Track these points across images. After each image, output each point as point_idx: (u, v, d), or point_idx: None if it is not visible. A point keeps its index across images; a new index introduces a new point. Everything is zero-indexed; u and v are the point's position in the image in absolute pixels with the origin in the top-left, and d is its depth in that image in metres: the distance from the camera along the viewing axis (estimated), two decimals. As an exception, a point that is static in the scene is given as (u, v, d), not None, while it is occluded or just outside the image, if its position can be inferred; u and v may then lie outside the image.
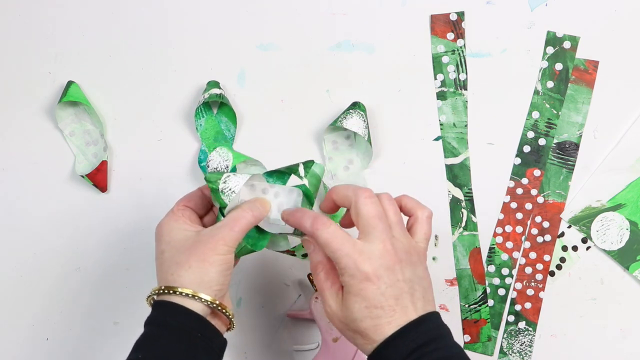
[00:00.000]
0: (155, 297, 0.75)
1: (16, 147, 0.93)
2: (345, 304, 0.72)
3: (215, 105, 0.92)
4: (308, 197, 0.78)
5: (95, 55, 0.93)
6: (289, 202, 0.78)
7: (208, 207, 0.80)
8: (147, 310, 0.92)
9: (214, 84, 0.90)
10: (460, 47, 0.91)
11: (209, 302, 0.73)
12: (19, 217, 0.93)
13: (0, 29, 0.94)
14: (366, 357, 0.85)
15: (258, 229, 0.78)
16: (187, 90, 0.92)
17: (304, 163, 0.78)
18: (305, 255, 0.82)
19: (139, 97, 0.93)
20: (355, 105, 0.89)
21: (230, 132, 0.91)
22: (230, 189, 0.76)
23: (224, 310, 0.75)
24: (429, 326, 0.72)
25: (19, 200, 0.93)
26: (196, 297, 0.73)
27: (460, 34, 0.91)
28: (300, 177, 0.78)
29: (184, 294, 0.73)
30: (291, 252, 0.82)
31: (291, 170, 0.78)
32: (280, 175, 0.78)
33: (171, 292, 0.73)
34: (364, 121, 0.88)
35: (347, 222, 0.78)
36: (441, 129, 0.91)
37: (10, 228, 0.93)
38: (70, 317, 0.92)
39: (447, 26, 0.91)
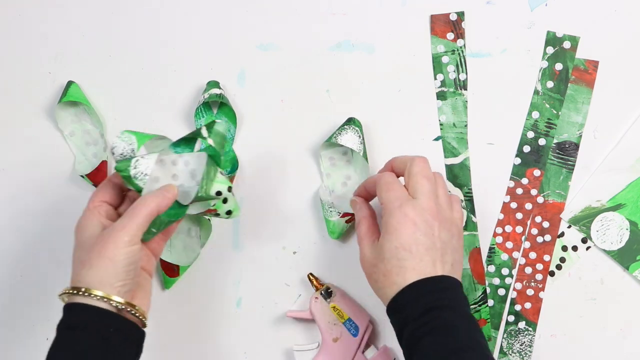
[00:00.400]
0: (65, 298, 0.75)
1: (16, 147, 0.93)
2: (379, 244, 0.77)
3: (215, 105, 0.92)
4: (214, 157, 0.78)
5: (95, 55, 0.93)
6: (199, 167, 0.78)
7: (122, 195, 0.79)
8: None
9: (214, 84, 0.90)
10: (460, 47, 0.91)
11: (107, 300, 0.72)
12: (19, 217, 0.92)
13: (0, 29, 0.94)
14: (368, 356, 0.85)
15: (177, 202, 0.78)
16: (187, 90, 0.92)
17: (206, 125, 0.79)
18: (229, 213, 0.81)
19: (139, 97, 0.93)
20: (350, 121, 0.88)
21: (230, 132, 0.91)
22: (142, 172, 0.76)
23: (129, 309, 0.74)
24: (447, 286, 0.75)
25: (19, 200, 0.93)
26: (92, 295, 0.72)
27: (460, 34, 0.91)
28: (204, 138, 0.78)
29: (85, 294, 0.72)
30: (213, 211, 0.80)
31: (195, 134, 0.79)
32: (187, 142, 0.79)
33: (75, 292, 0.73)
34: (359, 137, 0.88)
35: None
36: (441, 129, 0.91)
37: (10, 228, 0.93)
38: (70, 317, 0.92)
39: (447, 26, 0.91)
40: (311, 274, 0.89)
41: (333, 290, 0.88)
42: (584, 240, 0.90)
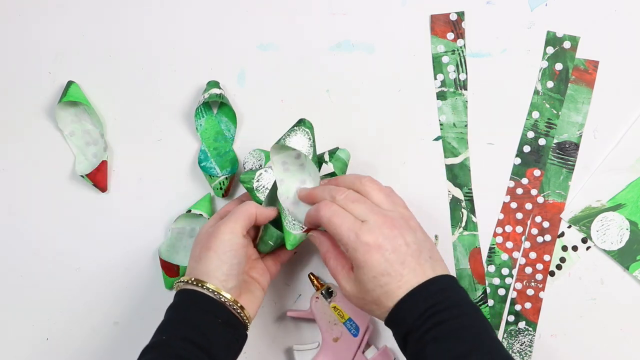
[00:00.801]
0: (181, 285, 0.79)
1: (16, 147, 0.93)
2: (356, 279, 0.76)
3: (215, 105, 0.92)
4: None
5: (95, 55, 0.93)
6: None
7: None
8: (147, 311, 0.93)
9: (214, 84, 0.90)
10: (460, 47, 0.91)
11: (216, 293, 0.77)
12: (19, 217, 0.93)
13: (0, 28, 0.94)
14: (369, 356, 0.85)
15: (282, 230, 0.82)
16: (187, 90, 0.93)
17: (329, 151, 0.85)
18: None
19: (139, 97, 0.93)
20: (300, 123, 0.83)
21: (230, 132, 0.91)
22: (263, 186, 0.83)
23: (235, 307, 0.78)
24: (439, 286, 0.74)
25: (19, 200, 0.93)
26: (203, 286, 0.77)
27: (460, 34, 0.91)
28: (326, 162, 0.84)
29: (198, 285, 0.77)
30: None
31: (319, 159, 0.84)
32: None
33: (188, 281, 0.78)
34: (309, 139, 0.83)
35: None
36: (441, 129, 0.91)
37: (10, 228, 0.93)
38: (70, 317, 0.92)
39: (447, 26, 0.91)
40: (312, 273, 0.89)
41: (334, 290, 0.88)
42: (584, 240, 0.90)
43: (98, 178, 0.90)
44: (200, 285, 0.77)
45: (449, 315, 0.73)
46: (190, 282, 0.78)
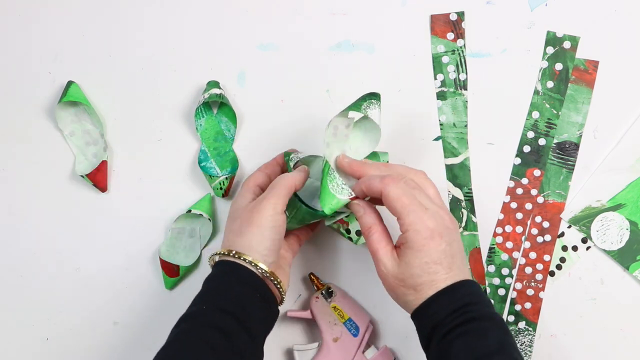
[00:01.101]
0: (217, 258, 0.80)
1: (16, 147, 0.93)
2: (404, 260, 0.75)
3: (215, 105, 0.92)
4: None
5: (95, 55, 0.93)
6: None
7: (270, 182, 0.83)
8: (147, 311, 0.93)
9: (214, 84, 0.90)
10: (460, 47, 0.91)
11: (254, 264, 0.77)
12: (19, 217, 0.93)
13: (0, 29, 0.94)
14: (368, 356, 0.85)
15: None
16: (187, 90, 0.92)
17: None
18: (359, 234, 0.87)
19: (139, 97, 0.93)
20: (375, 96, 0.82)
21: (230, 132, 0.91)
22: (296, 156, 0.86)
23: (272, 278, 0.79)
24: (475, 288, 0.76)
25: (19, 200, 0.93)
26: (242, 258, 0.78)
27: (460, 34, 0.91)
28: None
29: (236, 256, 0.78)
30: (345, 223, 0.87)
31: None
32: None
33: (227, 254, 0.78)
34: (380, 113, 0.83)
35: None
36: (441, 129, 0.91)
37: (10, 228, 0.93)
38: (70, 317, 0.92)
39: (447, 26, 0.91)
40: (312, 273, 0.89)
41: (334, 290, 0.88)
42: (584, 240, 0.90)
43: (98, 178, 0.90)
44: (241, 258, 0.78)
45: (480, 314, 0.74)
46: (230, 254, 0.78)
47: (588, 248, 0.90)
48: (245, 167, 0.91)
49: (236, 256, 0.78)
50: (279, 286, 0.79)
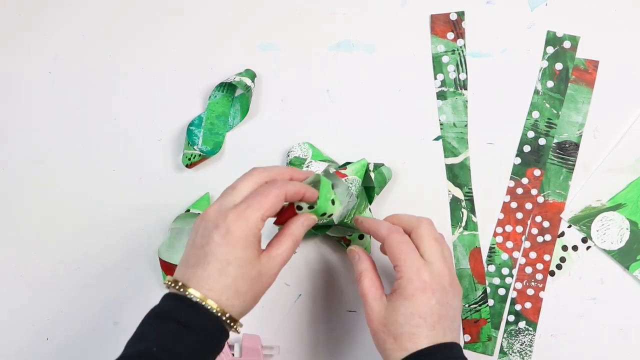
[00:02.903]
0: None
1: (16, 146, 0.93)
2: (391, 306, 0.76)
3: (238, 91, 0.91)
4: (371, 192, 0.87)
5: (95, 55, 0.93)
6: (353, 196, 0.84)
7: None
8: (147, 310, 0.93)
9: (251, 74, 0.90)
10: (460, 47, 0.91)
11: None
12: (20, 217, 0.92)
13: (0, 29, 0.94)
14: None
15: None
16: (187, 90, 0.93)
17: (374, 163, 0.88)
18: (361, 236, 0.88)
19: (139, 97, 0.93)
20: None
21: (233, 120, 0.91)
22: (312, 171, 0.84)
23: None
24: (458, 353, 0.75)
25: (19, 200, 0.93)
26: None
27: (460, 34, 0.91)
28: (369, 171, 0.87)
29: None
30: (347, 240, 0.87)
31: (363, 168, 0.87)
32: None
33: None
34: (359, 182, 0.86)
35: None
36: (441, 128, 0.91)
37: (10, 228, 0.92)
38: (70, 317, 0.92)
39: (447, 26, 0.91)
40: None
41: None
42: (584, 240, 0.90)
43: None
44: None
45: None
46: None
47: (588, 248, 0.90)
48: (224, 158, 0.91)
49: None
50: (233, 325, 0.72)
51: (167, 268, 0.90)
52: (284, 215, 0.76)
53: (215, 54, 0.93)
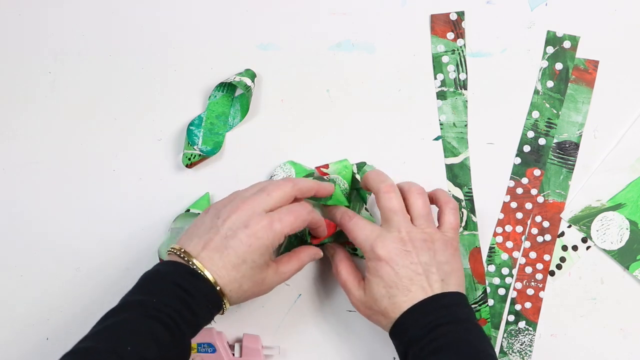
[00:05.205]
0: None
1: (16, 147, 0.93)
2: (367, 287, 0.80)
3: (238, 90, 0.91)
4: (363, 194, 0.89)
5: (95, 55, 0.93)
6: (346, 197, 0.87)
7: None
8: (147, 310, 0.92)
9: (251, 73, 0.90)
10: (460, 47, 0.91)
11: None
12: (19, 217, 0.92)
13: (0, 29, 0.94)
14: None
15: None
16: (187, 90, 0.92)
17: (356, 164, 0.89)
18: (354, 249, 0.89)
19: (139, 97, 0.93)
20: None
21: (233, 120, 0.91)
22: None
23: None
24: (445, 303, 0.77)
25: (19, 200, 0.93)
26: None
27: (460, 34, 0.91)
28: (354, 173, 0.88)
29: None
30: (350, 244, 0.88)
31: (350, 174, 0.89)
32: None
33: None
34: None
35: None
36: (441, 128, 0.91)
37: (10, 228, 0.92)
38: (70, 317, 0.92)
39: (447, 26, 0.92)
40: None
41: None
42: (584, 240, 0.90)
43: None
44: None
45: (450, 329, 0.75)
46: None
47: (588, 248, 0.90)
48: (224, 158, 0.91)
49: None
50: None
51: (167, 268, 0.90)
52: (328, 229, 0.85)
53: (215, 53, 0.93)
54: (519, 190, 0.90)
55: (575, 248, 0.90)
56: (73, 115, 0.93)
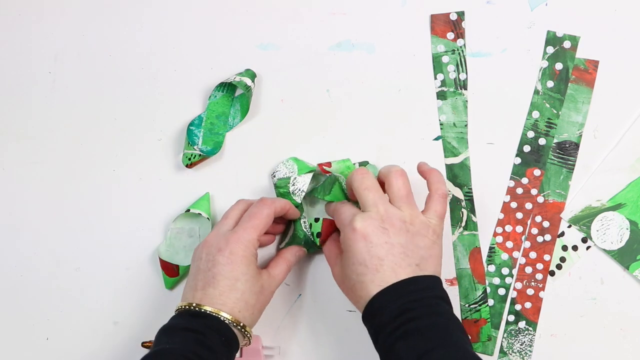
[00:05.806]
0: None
1: (16, 147, 0.93)
2: (342, 263, 0.80)
3: (238, 90, 0.91)
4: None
5: (95, 55, 0.93)
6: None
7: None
8: (147, 311, 0.93)
9: (251, 73, 0.90)
10: (460, 47, 0.91)
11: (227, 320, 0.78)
12: (19, 217, 0.93)
13: (0, 29, 0.94)
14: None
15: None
16: (187, 90, 0.93)
17: (359, 162, 0.89)
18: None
19: (139, 97, 0.93)
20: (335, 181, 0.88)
21: (234, 120, 0.91)
22: (299, 189, 0.87)
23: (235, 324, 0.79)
24: (416, 287, 0.76)
25: (19, 200, 0.93)
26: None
27: (460, 34, 0.91)
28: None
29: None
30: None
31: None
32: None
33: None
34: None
35: None
36: (441, 128, 0.91)
37: (10, 228, 0.93)
38: (70, 317, 0.92)
39: (447, 26, 0.92)
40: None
41: None
42: (584, 240, 0.90)
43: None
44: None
45: (420, 314, 0.74)
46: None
47: (588, 248, 0.90)
48: (224, 158, 0.91)
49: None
50: (244, 331, 0.80)
51: (167, 268, 0.90)
52: (327, 230, 0.86)
53: (215, 53, 0.93)
54: (519, 190, 0.90)
55: (575, 248, 0.90)
56: (73, 115, 0.93)
